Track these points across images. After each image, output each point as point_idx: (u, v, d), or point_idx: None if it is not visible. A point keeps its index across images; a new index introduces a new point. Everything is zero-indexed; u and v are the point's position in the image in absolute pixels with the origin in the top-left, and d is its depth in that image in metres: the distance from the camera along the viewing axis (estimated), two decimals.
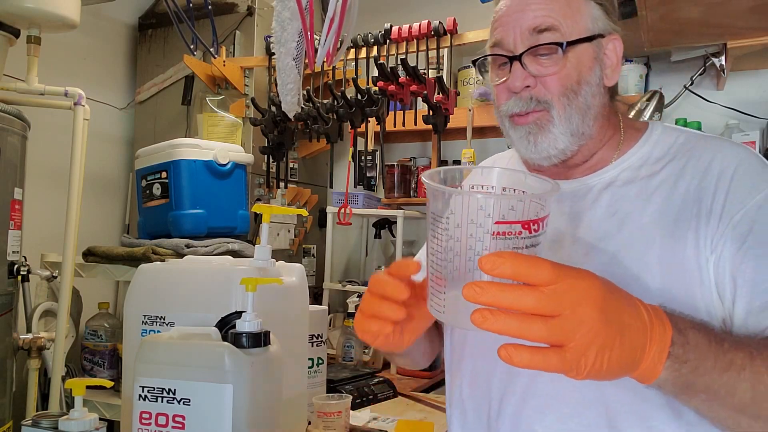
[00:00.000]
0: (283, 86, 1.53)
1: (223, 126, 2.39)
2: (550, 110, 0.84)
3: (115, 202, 2.67)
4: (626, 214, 0.83)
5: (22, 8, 1.74)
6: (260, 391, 0.93)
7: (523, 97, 0.85)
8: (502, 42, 0.86)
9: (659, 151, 0.88)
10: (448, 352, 0.99)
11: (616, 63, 0.88)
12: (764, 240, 0.75)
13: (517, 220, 0.57)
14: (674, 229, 0.79)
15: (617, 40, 0.88)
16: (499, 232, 0.57)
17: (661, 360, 0.60)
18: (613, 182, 0.87)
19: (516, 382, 0.85)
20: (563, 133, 0.84)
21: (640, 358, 0.59)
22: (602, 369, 0.56)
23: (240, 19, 2.47)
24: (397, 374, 2.17)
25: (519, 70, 0.84)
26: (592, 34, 0.85)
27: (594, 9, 0.85)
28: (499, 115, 0.89)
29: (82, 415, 0.92)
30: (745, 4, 1.52)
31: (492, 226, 0.57)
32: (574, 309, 0.55)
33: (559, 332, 0.55)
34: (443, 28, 2.18)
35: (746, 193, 0.78)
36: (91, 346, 2.13)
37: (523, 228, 0.57)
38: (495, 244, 0.57)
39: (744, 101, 2.11)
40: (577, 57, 0.84)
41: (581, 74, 0.84)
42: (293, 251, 2.50)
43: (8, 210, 1.65)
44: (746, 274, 0.75)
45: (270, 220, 1.10)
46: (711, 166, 0.82)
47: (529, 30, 0.83)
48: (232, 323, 1.01)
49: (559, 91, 0.83)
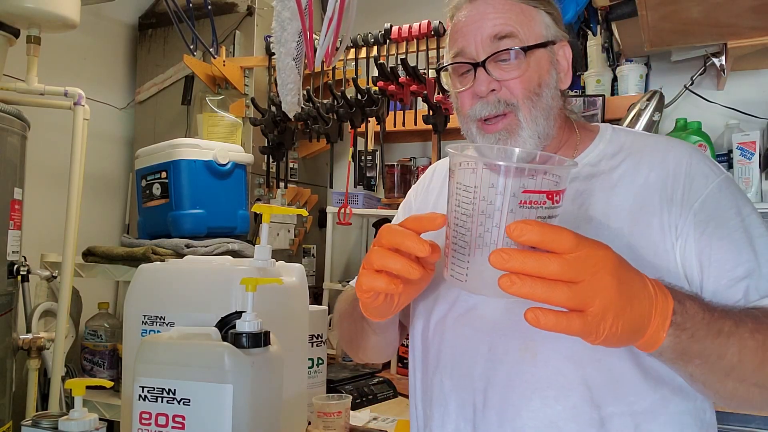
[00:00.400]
0: (283, 86, 1.53)
1: (223, 126, 2.39)
2: (517, 113, 0.88)
3: (115, 202, 2.67)
4: (592, 205, 0.87)
5: (21, 8, 1.74)
6: (260, 392, 0.93)
7: (490, 100, 0.88)
8: (464, 51, 0.89)
9: (613, 148, 0.93)
10: (419, 350, 0.98)
11: (567, 67, 0.93)
12: (723, 223, 0.82)
13: (542, 190, 0.62)
14: (640, 217, 0.84)
15: (566, 46, 0.93)
16: (527, 201, 0.62)
17: (664, 328, 0.65)
18: (576, 177, 0.90)
19: (498, 370, 0.86)
20: (531, 136, 0.88)
21: (647, 325, 0.64)
22: (617, 334, 0.61)
23: (240, 19, 2.47)
24: (397, 374, 2.17)
25: (483, 75, 0.87)
26: (546, 40, 0.90)
27: (545, 17, 0.90)
28: (465, 121, 0.93)
29: (82, 416, 0.92)
30: (745, 3, 1.51)
31: (520, 195, 0.61)
32: (593, 276, 0.59)
33: (582, 297, 0.59)
34: (443, 27, 2.17)
35: (701, 183, 0.85)
36: (91, 346, 2.13)
37: (548, 198, 0.62)
38: (522, 212, 0.62)
39: (744, 101, 2.11)
40: (536, 61, 0.88)
41: (541, 77, 0.89)
42: (293, 251, 2.50)
43: (8, 210, 1.65)
44: (711, 256, 0.81)
45: (270, 220, 1.10)
46: (666, 159, 0.88)
47: (490, 38, 0.87)
48: (232, 323, 1.01)
49: (524, 93, 0.88)
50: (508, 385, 0.85)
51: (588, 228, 0.85)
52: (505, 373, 0.85)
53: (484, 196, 0.63)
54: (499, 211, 0.63)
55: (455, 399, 0.90)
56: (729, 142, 1.94)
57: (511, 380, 0.85)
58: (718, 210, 0.83)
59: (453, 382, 0.90)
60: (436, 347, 0.94)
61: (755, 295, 0.79)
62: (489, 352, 0.87)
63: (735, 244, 0.81)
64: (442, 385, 0.92)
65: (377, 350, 1.08)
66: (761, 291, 0.79)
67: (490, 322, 0.87)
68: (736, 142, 1.88)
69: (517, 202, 0.62)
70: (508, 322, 0.85)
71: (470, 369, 0.88)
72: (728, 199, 0.84)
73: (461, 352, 0.90)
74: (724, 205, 0.84)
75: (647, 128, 1.92)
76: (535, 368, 0.83)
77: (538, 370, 0.83)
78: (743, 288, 0.80)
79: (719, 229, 0.82)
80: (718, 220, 0.82)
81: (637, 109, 1.95)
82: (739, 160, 1.87)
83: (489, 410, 0.85)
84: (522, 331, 0.82)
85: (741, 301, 0.79)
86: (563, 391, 0.82)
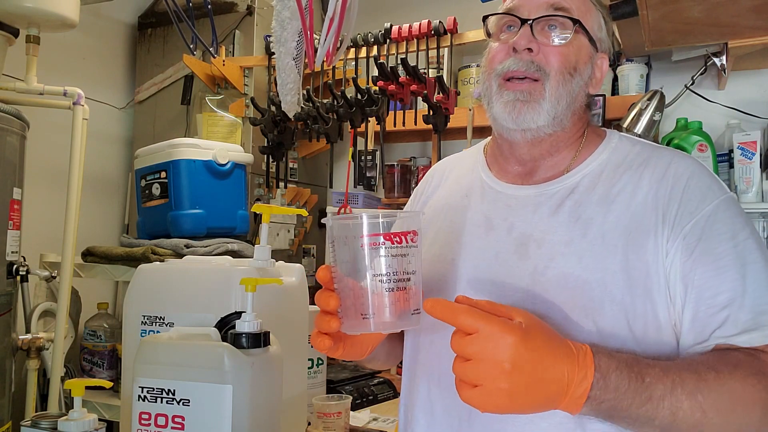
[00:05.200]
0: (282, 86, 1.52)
1: (222, 126, 2.39)
2: (545, 82, 0.86)
3: (115, 202, 2.67)
4: (589, 219, 0.85)
5: (21, 8, 1.74)
6: (260, 392, 0.93)
7: (524, 58, 0.86)
8: (517, 7, 0.89)
9: (617, 158, 0.90)
10: (410, 353, 0.98)
11: (600, 78, 0.93)
12: (711, 250, 0.79)
13: (379, 233, 0.72)
14: (635, 237, 0.82)
15: (606, 60, 0.93)
16: (372, 244, 0.71)
17: (579, 404, 0.68)
18: (576, 188, 0.88)
19: None
20: (548, 111, 0.86)
21: (558, 401, 0.68)
22: (514, 407, 0.67)
23: (240, 19, 2.46)
24: (397, 375, 2.16)
25: (527, 32, 0.86)
26: (596, 37, 0.90)
27: (601, 20, 0.91)
28: (489, 76, 0.90)
29: (82, 416, 0.92)
30: (746, 3, 1.51)
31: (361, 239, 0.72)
32: (489, 355, 0.65)
33: (473, 374, 0.66)
34: (443, 27, 2.17)
35: (696, 204, 0.82)
36: (91, 347, 2.13)
37: (385, 239, 0.71)
38: (368, 252, 0.71)
39: (745, 101, 2.10)
40: (579, 45, 0.88)
41: (578, 62, 0.88)
42: (293, 251, 2.49)
43: (7, 210, 1.65)
44: (694, 282, 0.79)
45: (270, 220, 1.10)
46: (666, 176, 0.85)
47: (546, 5, 0.87)
48: (231, 323, 1.00)
49: (558, 66, 0.86)
50: None
51: (582, 243, 0.83)
52: None
53: (335, 252, 0.75)
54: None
55: (442, 408, 0.89)
56: (730, 142, 1.94)
57: None
58: (710, 233, 0.80)
59: (441, 392, 0.90)
60: (425, 354, 0.93)
61: (732, 329, 0.76)
62: None
63: (720, 271, 0.78)
64: (430, 393, 0.91)
65: (376, 366, 1.08)
66: (739, 324, 0.76)
67: None
68: (736, 142, 1.88)
69: (358, 246, 0.72)
70: None
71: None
72: (723, 223, 0.81)
73: (450, 362, 0.89)
74: (717, 228, 0.80)
75: (648, 128, 1.92)
76: None
77: None
78: (722, 318, 0.77)
79: (706, 255, 0.79)
80: (707, 244, 0.79)
81: (638, 109, 1.94)
82: (740, 159, 1.87)
83: (474, 423, 0.85)
84: None
85: (717, 331, 0.77)
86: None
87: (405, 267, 0.72)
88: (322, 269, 0.77)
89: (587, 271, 0.81)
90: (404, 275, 0.72)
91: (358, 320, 0.72)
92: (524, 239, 0.87)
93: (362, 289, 0.71)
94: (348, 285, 0.73)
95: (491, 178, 0.97)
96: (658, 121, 1.94)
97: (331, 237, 0.75)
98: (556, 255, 0.84)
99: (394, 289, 0.71)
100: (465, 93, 2.44)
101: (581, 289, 0.80)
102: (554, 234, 0.85)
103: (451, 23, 2.16)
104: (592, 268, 0.81)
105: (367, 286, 0.71)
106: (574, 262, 0.82)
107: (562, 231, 0.85)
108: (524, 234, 0.87)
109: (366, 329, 0.73)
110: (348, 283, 0.73)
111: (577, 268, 0.82)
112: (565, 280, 0.81)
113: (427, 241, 0.97)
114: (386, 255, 0.71)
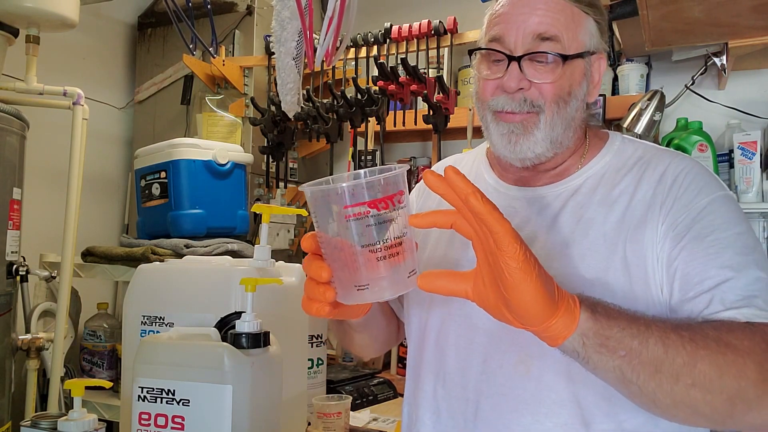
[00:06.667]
0: (282, 86, 1.52)
1: (222, 126, 2.39)
2: (540, 114, 0.86)
3: (114, 202, 2.66)
4: (590, 220, 0.86)
5: (21, 7, 1.74)
6: (260, 392, 0.93)
7: (516, 98, 0.86)
8: (503, 39, 0.86)
9: (619, 161, 0.91)
10: (414, 353, 0.98)
11: (598, 80, 0.92)
12: (699, 237, 0.80)
13: (363, 202, 0.66)
14: (635, 234, 0.83)
15: (603, 59, 0.92)
16: (352, 215, 0.67)
17: (575, 315, 0.65)
18: (579, 190, 0.90)
19: (492, 383, 0.85)
20: (544, 139, 0.87)
21: (559, 304, 0.64)
22: (536, 286, 0.63)
23: (239, 19, 2.46)
24: (397, 375, 2.16)
25: (516, 71, 0.85)
26: (587, 50, 0.88)
27: (592, 26, 0.88)
28: (482, 107, 0.91)
29: (81, 416, 0.92)
30: (746, 3, 1.51)
31: (343, 211, 0.67)
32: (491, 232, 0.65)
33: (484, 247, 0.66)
34: (443, 27, 2.17)
35: (691, 199, 0.83)
36: (90, 347, 2.13)
37: (371, 207, 0.67)
38: (351, 225, 0.67)
39: (745, 101, 2.10)
40: (571, 70, 0.87)
41: (572, 87, 0.87)
42: (293, 251, 2.49)
43: (7, 210, 1.65)
44: (680, 268, 0.79)
45: (269, 220, 1.10)
46: (665, 175, 0.86)
47: (533, 35, 0.85)
48: (231, 324, 1.00)
49: (552, 98, 0.86)
50: (500, 399, 0.84)
51: (584, 243, 0.84)
52: (498, 387, 0.85)
53: (318, 222, 0.71)
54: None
55: (447, 407, 0.89)
56: (730, 142, 1.94)
57: (503, 394, 0.84)
58: (700, 225, 0.80)
59: (446, 391, 0.90)
60: (431, 353, 0.93)
61: (719, 305, 0.75)
62: (483, 364, 0.86)
63: (707, 259, 0.78)
64: (435, 393, 0.91)
65: (364, 347, 1.08)
66: (726, 302, 0.75)
67: (486, 334, 0.87)
68: (737, 142, 1.88)
69: (343, 218, 0.67)
70: (505, 335, 0.84)
71: (464, 379, 0.88)
72: (717, 215, 0.81)
73: (456, 361, 0.90)
74: (710, 219, 0.80)
75: (648, 128, 1.92)
76: (528, 383, 0.83)
77: (530, 386, 0.83)
78: (707, 299, 0.76)
79: (694, 243, 0.79)
80: (698, 232, 0.79)
81: (638, 109, 1.94)
82: (740, 159, 1.87)
83: (480, 422, 0.85)
84: (519, 345, 0.83)
85: (703, 312, 0.75)
86: (554, 407, 0.82)
87: (394, 232, 0.68)
88: (307, 237, 0.74)
89: (589, 271, 0.82)
90: (395, 240, 0.68)
91: (353, 291, 0.70)
92: (527, 240, 0.87)
93: (354, 261, 0.68)
94: (338, 255, 0.70)
95: (494, 179, 0.98)
96: (658, 121, 1.94)
97: (313, 208, 0.71)
98: (559, 255, 0.85)
99: (386, 256, 0.68)
100: (465, 93, 2.44)
101: (583, 288, 0.80)
102: (557, 235, 0.87)
103: (451, 23, 2.16)
104: (594, 268, 0.82)
105: (358, 258, 0.68)
106: (577, 262, 0.83)
107: (565, 232, 0.86)
108: (527, 235, 0.87)
109: (363, 300, 0.70)
110: (338, 254, 0.70)
111: (580, 268, 0.83)
112: (567, 280, 0.81)
113: (430, 243, 0.97)
114: (374, 224, 0.67)
